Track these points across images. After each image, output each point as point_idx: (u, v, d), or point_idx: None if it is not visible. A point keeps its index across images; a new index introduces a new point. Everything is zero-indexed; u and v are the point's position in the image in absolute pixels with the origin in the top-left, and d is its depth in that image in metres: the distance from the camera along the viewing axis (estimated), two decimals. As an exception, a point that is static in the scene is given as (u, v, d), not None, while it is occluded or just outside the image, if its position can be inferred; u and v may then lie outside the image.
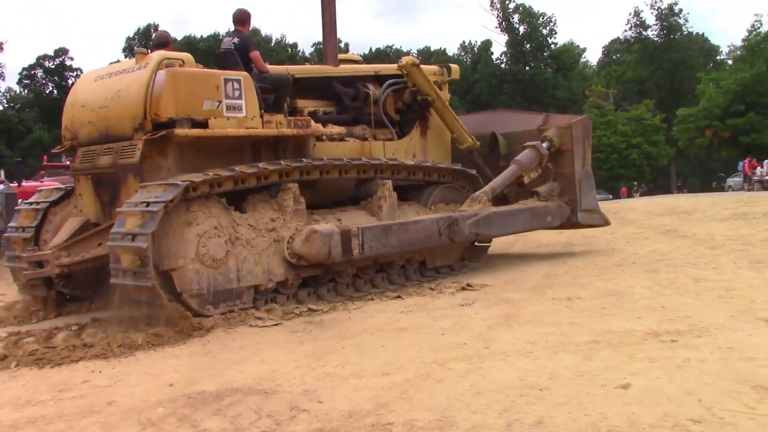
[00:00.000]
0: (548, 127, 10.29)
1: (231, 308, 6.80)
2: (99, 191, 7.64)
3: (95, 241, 7.25)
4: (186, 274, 6.50)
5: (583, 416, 3.50)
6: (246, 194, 7.37)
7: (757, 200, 18.46)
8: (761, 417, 3.35)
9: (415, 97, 9.89)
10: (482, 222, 8.94)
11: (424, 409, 3.74)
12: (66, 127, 8.05)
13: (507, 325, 5.77)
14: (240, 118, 7.48)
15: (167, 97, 7.00)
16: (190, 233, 6.58)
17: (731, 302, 6.08)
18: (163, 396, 4.33)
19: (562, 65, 69.09)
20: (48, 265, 7.16)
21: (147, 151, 7.07)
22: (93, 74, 8.15)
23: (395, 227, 8.03)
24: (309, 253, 7.22)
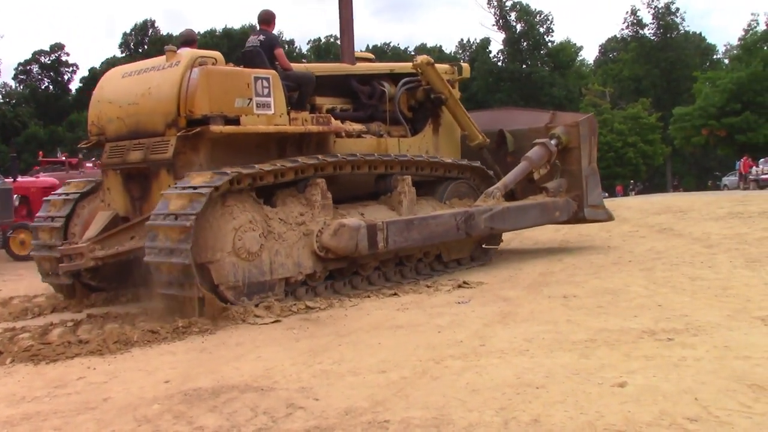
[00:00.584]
0: (555, 125, 10.55)
1: (264, 300, 6.99)
2: (129, 186, 7.84)
3: (128, 235, 7.47)
4: (223, 266, 6.71)
5: (580, 414, 3.50)
6: (274, 190, 7.55)
7: (753, 199, 18.50)
8: (757, 416, 3.35)
9: (428, 95, 10.13)
10: (497, 217, 9.21)
11: (420, 407, 3.74)
12: (93, 123, 8.19)
13: (503, 322, 5.77)
14: (269, 116, 7.68)
15: (201, 94, 7.17)
16: (227, 227, 6.80)
17: (727, 301, 6.09)
18: (158, 393, 4.32)
19: (559, 63, 69.08)
20: (83, 257, 7.37)
21: (180, 147, 7.26)
22: (119, 70, 8.34)
23: (417, 221, 8.30)
24: (337, 247, 7.47)
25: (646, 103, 56.36)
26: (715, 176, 54.03)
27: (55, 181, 16.02)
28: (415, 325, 5.89)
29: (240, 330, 6.18)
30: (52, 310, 7.75)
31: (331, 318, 6.48)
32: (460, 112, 10.37)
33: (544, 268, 8.86)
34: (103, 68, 64.98)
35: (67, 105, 64.20)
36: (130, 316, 6.87)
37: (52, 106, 63.93)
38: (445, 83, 10.15)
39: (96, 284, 8.23)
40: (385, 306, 6.94)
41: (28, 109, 60.92)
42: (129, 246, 7.39)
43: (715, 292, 6.56)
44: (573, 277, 8.03)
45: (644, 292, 6.74)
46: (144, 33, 69.44)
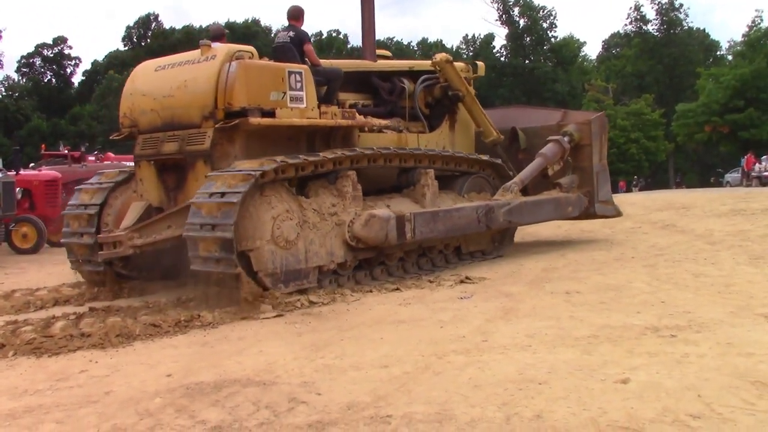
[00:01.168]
0: (567, 123, 10.92)
1: (299, 287, 7.25)
2: (163, 176, 8.09)
3: (165, 224, 7.68)
4: (262, 254, 6.95)
5: (582, 411, 3.49)
6: (306, 181, 7.78)
7: (756, 196, 18.46)
8: (761, 413, 3.34)
9: (445, 92, 10.39)
10: (515, 210, 9.60)
11: (422, 402, 3.73)
12: (125, 115, 8.40)
13: (506, 318, 5.77)
14: (301, 109, 7.92)
15: (240, 87, 7.41)
16: (266, 216, 7.03)
17: (730, 298, 6.07)
18: (160, 386, 4.32)
19: (562, 59, 68.93)
20: (122, 245, 7.58)
21: (217, 139, 7.52)
22: (152, 64, 8.55)
23: (441, 214, 8.68)
24: (368, 236, 7.78)
25: (649, 99, 56.21)
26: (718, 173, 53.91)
27: (58, 175, 16.02)
28: (417, 320, 5.88)
29: (242, 324, 6.18)
30: (54, 304, 7.76)
31: (333, 312, 6.48)
32: (477, 108, 10.64)
33: (547, 264, 8.84)
34: (106, 62, 65.18)
35: (70, 98, 64.23)
36: (133, 309, 6.87)
37: (54, 99, 63.94)
38: (462, 80, 10.43)
39: (127, 273, 8.43)
40: (387, 301, 6.94)
41: (31, 102, 60.94)
42: (166, 235, 7.61)
43: (718, 288, 6.55)
44: (576, 273, 8.02)
45: (647, 289, 6.73)
46: (147, 27, 69.38)
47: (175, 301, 7.22)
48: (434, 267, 8.97)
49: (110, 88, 56.38)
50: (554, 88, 65.48)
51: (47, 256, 13.41)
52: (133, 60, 63.83)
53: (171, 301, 7.22)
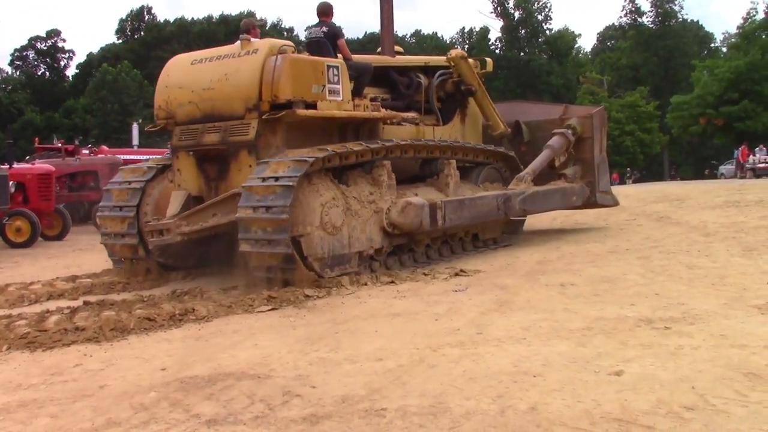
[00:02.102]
0: (569, 117, 11.52)
1: (343, 272, 7.63)
2: (204, 167, 8.32)
3: (210, 212, 7.98)
4: (312, 239, 7.31)
5: (577, 403, 3.50)
6: (344, 171, 8.10)
7: (750, 188, 18.51)
8: (753, 404, 3.36)
9: (458, 87, 10.82)
10: (528, 199, 10.14)
11: (417, 395, 3.74)
12: (160, 107, 8.62)
13: (500, 311, 5.77)
14: (338, 102, 8.26)
15: (286, 80, 7.70)
16: (315, 203, 7.40)
17: (724, 290, 6.09)
18: (155, 380, 4.31)
19: (557, 51, 68.92)
20: (170, 233, 7.84)
21: (261, 130, 7.81)
22: (186, 57, 8.79)
23: (467, 202, 9.16)
24: (404, 223, 8.19)
25: (643, 91, 56.26)
26: (713, 165, 54.02)
27: (52, 168, 15.95)
28: (412, 313, 5.88)
29: (237, 317, 6.17)
30: (49, 298, 7.73)
31: (327, 306, 6.48)
32: (487, 102, 11.10)
33: (542, 257, 8.86)
34: (100, 55, 64.87)
35: (64, 91, 63.99)
36: (127, 303, 6.86)
37: (48, 93, 63.69)
38: (475, 76, 10.85)
39: (165, 262, 8.71)
40: (382, 294, 6.94)
41: (24, 96, 60.69)
42: (212, 222, 7.92)
43: (711, 280, 6.57)
44: (570, 265, 8.03)
45: (641, 281, 6.75)
46: (140, 19, 69.11)
47: (170, 295, 7.21)
48: (453, 254, 9.36)
49: (104, 81, 56.19)
50: (549, 81, 65.49)
51: (41, 250, 13.38)
52: (127, 53, 63.78)
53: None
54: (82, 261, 11.17)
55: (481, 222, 9.59)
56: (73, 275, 8.95)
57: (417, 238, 8.71)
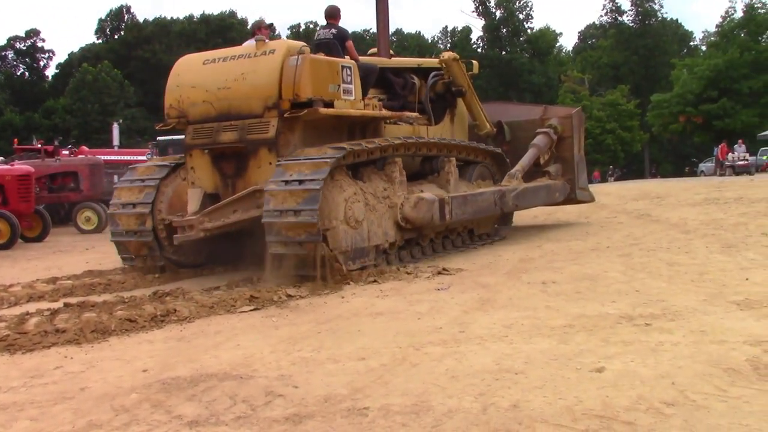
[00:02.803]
0: (549, 117, 12.06)
1: (363, 264, 7.94)
2: (220, 164, 8.51)
3: (231, 209, 8.21)
4: (338, 233, 7.60)
5: (558, 400, 3.51)
6: (358, 168, 8.40)
7: (729, 185, 18.69)
8: (733, 399, 3.39)
9: (448, 88, 11.16)
10: (520, 195, 10.64)
11: (399, 394, 3.74)
12: (171, 106, 8.78)
13: (483, 309, 5.79)
14: (351, 101, 8.57)
15: (307, 79, 7.96)
16: (339, 198, 7.70)
17: (704, 286, 6.15)
18: (136, 382, 4.29)
19: (538, 50, 69.23)
20: (193, 229, 8.05)
21: (281, 128, 8.04)
22: (197, 58, 8.96)
23: (470, 197, 9.58)
24: (416, 217, 8.54)
25: (624, 89, 56.65)
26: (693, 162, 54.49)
27: (31, 169, 15.79)
28: (394, 312, 5.89)
29: (219, 318, 6.14)
30: (29, 300, 7.66)
31: (310, 305, 6.47)
32: (475, 103, 11.47)
33: (524, 255, 8.89)
34: (80, 54, 64.32)
35: (43, 92, 63.42)
36: (108, 305, 6.81)
37: (27, 93, 63.08)
38: (465, 77, 11.21)
39: (178, 259, 8.92)
40: (364, 293, 6.93)
41: (3, 96, 60.03)
42: (234, 218, 8.18)
43: (691, 277, 6.62)
44: (552, 263, 8.07)
45: (622, 278, 6.79)
46: (120, 19, 68.61)
47: (152, 296, 7.17)
48: (454, 247, 9.77)
49: (84, 81, 55.74)
50: (531, 80, 65.77)
51: (21, 252, 13.25)
52: (108, 53, 63.33)
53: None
54: (62, 263, 11.08)
55: (479, 217, 10.01)
56: (53, 277, 8.87)
57: (424, 232, 9.07)
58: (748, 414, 3.20)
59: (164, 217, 8.67)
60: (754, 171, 33.06)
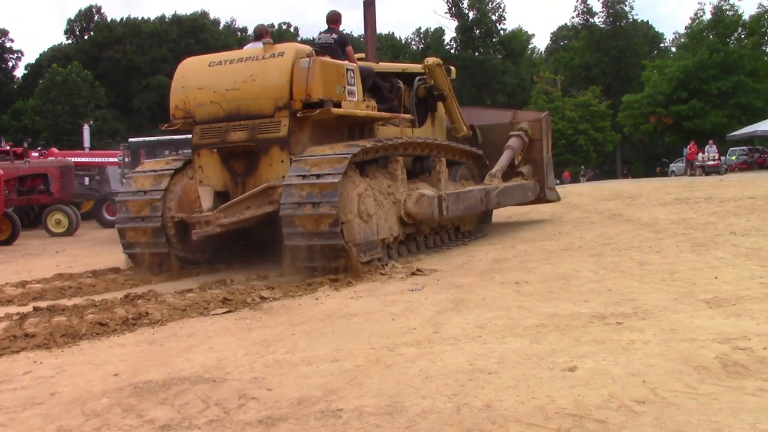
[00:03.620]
0: (518, 121, 12.78)
1: (372, 257, 8.32)
2: (229, 163, 8.84)
3: (244, 205, 8.50)
4: (352, 227, 7.96)
5: (531, 399, 3.53)
6: (363, 165, 8.73)
7: (699, 185, 18.94)
8: (702, 396, 3.43)
9: (430, 92, 11.57)
10: (501, 194, 11.25)
11: (373, 395, 3.74)
12: (177, 107, 9.05)
13: (456, 309, 5.81)
14: (354, 102, 9.05)
15: (318, 81, 8.36)
16: (353, 193, 8.08)
17: (674, 285, 6.22)
18: (107, 386, 4.24)
19: (511, 51, 69.61)
20: (210, 225, 8.24)
21: (293, 127, 8.43)
22: (201, 60, 9.28)
23: (462, 195, 10.14)
24: (418, 213, 9.04)
25: (596, 90, 57.19)
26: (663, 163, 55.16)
27: (0, 171, 15.59)
28: (368, 313, 5.89)
29: (192, 321, 6.10)
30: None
31: (284, 307, 6.44)
32: (455, 106, 11.91)
33: (497, 255, 8.94)
34: (51, 54, 63.49)
35: (12, 92, 62.53)
36: (78, 309, 6.73)
37: (-5, 94, 62.17)
38: (447, 82, 11.58)
39: (185, 256, 9.15)
40: (338, 294, 6.92)
41: (-29, 97, 59.14)
42: (248, 214, 8.46)
43: (662, 276, 6.70)
44: (525, 263, 8.12)
45: (594, 277, 6.85)
46: (89, 19, 67.86)
47: (123, 299, 7.09)
48: (443, 243, 10.31)
49: (54, 82, 55.05)
50: (503, 80, 66.13)
51: (-11, 255, 13.05)
52: (78, 53, 62.60)
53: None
54: (32, 266, 10.94)
55: (467, 214, 10.60)
56: (22, 281, 8.75)
57: (421, 228, 9.55)
58: (717, 411, 3.25)
59: (174, 215, 8.90)
60: (723, 171, 33.51)
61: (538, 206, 16.19)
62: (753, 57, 48.61)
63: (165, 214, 8.84)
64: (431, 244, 9.98)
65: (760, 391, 3.46)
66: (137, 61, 60.28)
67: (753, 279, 6.25)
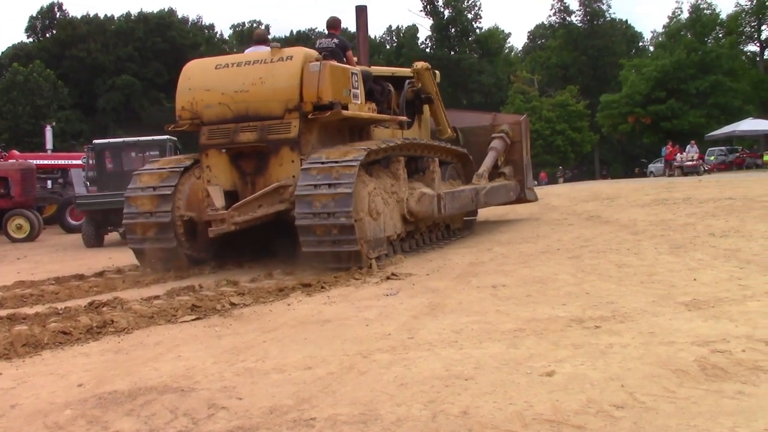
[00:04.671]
0: (499, 124, 13.55)
1: (379, 254, 8.87)
2: (238, 163, 9.34)
3: (256, 204, 9.01)
4: (364, 224, 8.51)
5: (508, 405, 3.55)
6: (368, 165, 9.13)
7: (677, 186, 19.17)
8: (681, 400, 3.47)
9: (417, 95, 12.14)
10: (488, 193, 11.98)
11: (347, 403, 3.73)
12: (184, 108, 9.53)
13: (432, 314, 5.82)
14: (358, 105, 9.63)
15: (328, 84, 8.92)
16: (364, 192, 8.65)
17: (652, 287, 6.28)
18: (71, 397, 4.19)
19: (487, 50, 69.92)
20: (225, 223, 8.66)
21: (302, 128, 8.99)
22: (207, 62, 9.88)
23: (456, 194, 10.84)
24: (420, 211, 9.75)
25: (573, 90, 57.64)
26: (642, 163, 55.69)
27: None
28: (342, 319, 5.88)
29: (159, 328, 6.05)
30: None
31: (254, 314, 6.41)
32: (441, 109, 12.53)
33: (473, 258, 8.97)
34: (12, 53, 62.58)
35: (-29, 93, 61.54)
36: (41, 317, 6.64)
37: (-45, 94, 61.17)
38: (434, 85, 12.23)
39: (192, 254, 9.62)
40: (311, 300, 6.91)
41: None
42: (261, 212, 8.99)
43: (640, 278, 6.76)
44: (502, 266, 8.16)
45: (572, 280, 6.90)
46: (51, 17, 67.05)
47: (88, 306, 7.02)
48: (437, 240, 10.99)
49: (14, 81, 54.28)
50: (480, 80, 66.38)
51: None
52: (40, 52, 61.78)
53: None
54: (-9, 273, 10.78)
55: (460, 212, 11.36)
56: (-19, 288, 8.63)
57: (419, 226, 10.24)
58: (696, 414, 3.28)
59: (183, 213, 9.39)
60: (702, 171, 33.92)
61: (515, 208, 16.32)
62: (730, 56, 49.38)
63: (174, 211, 9.28)
64: (427, 241, 10.63)
65: (739, 394, 3.50)
66: (102, 60, 59.63)
67: (732, 281, 6.33)
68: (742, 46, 54.81)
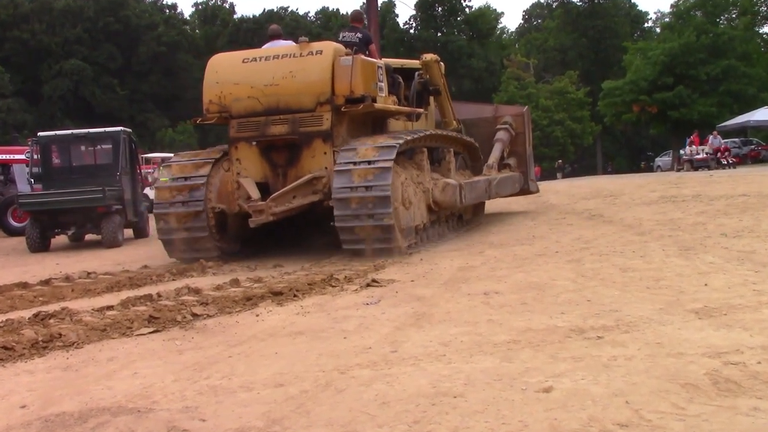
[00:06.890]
0: (501, 115, 15.08)
1: (409, 242, 10.07)
2: (270, 155, 10.51)
3: (290, 195, 10.17)
4: (398, 213, 9.68)
5: (501, 425, 3.56)
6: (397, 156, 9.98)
7: (687, 181, 19.30)
8: (691, 418, 3.49)
9: (425, 87, 13.20)
10: (498, 184, 13.38)
11: (323, 424, 3.73)
12: (211, 102, 10.74)
13: (417, 325, 5.82)
14: (383, 97, 10.80)
15: (359, 78, 10.14)
16: (397, 181, 9.76)
17: (660, 293, 6.33)
18: (13, 420, 4.16)
19: (478, 31, 70.04)
20: (263, 213, 9.81)
21: (334, 120, 10.18)
22: (234, 56, 11.05)
23: (474, 184, 12.23)
24: (444, 200, 11.05)
25: (573, 76, 57.88)
26: (648, 156, 55.95)
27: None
28: (317, 331, 5.87)
29: (113, 342, 6.02)
30: None
31: (219, 326, 6.39)
32: (447, 101, 13.75)
33: (464, 262, 8.99)
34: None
35: None
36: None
37: None
38: (442, 77, 13.44)
39: (223, 246, 10.77)
40: (282, 310, 6.90)
41: None
42: (296, 203, 10.18)
43: (647, 283, 6.81)
44: (495, 271, 8.18)
45: (572, 286, 6.93)
46: None
47: (33, 318, 6.96)
48: (452, 229, 12.25)
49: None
50: (470, 64, 66.47)
51: None
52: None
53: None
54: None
55: (475, 202, 12.72)
56: None
57: (440, 215, 11.43)
58: (708, 433, 3.31)
59: (215, 205, 10.47)
60: (714, 165, 34.10)
61: (509, 206, 16.41)
62: (745, 39, 49.54)
63: (206, 202, 10.36)
64: (444, 230, 11.77)
65: (755, 410, 3.53)
66: (47, 43, 59.17)
67: (746, 285, 6.39)
68: (757, 28, 55.06)
